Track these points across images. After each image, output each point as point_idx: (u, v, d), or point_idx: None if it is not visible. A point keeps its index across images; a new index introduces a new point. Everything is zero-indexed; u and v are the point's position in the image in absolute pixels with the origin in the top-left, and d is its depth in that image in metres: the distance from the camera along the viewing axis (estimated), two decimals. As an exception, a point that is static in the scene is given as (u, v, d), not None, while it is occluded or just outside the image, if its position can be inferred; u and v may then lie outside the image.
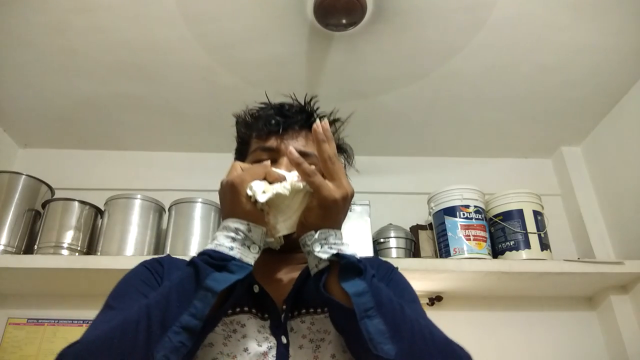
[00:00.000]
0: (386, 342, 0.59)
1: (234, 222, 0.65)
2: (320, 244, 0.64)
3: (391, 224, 1.67)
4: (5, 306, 1.60)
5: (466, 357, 0.63)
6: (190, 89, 1.59)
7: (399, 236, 1.62)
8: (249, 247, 0.64)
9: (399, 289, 0.78)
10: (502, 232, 1.60)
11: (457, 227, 1.55)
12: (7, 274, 1.44)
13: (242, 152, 0.89)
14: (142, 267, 0.78)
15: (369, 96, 1.63)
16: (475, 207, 1.58)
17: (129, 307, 0.63)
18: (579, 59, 1.48)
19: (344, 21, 1.29)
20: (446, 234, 1.55)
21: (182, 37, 1.38)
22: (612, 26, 1.36)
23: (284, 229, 0.68)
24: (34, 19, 1.33)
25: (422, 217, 1.77)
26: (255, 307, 0.73)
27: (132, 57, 1.46)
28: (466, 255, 1.51)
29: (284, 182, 0.66)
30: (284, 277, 0.79)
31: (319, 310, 0.73)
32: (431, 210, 1.65)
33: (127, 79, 1.54)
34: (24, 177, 1.58)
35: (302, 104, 0.89)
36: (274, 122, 0.82)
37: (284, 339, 0.69)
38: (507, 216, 1.61)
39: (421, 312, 0.73)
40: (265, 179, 0.67)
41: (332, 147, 0.67)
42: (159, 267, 0.78)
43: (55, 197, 1.63)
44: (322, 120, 0.68)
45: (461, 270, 1.46)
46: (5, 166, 1.70)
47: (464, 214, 1.56)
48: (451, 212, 1.58)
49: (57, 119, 1.73)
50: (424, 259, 1.57)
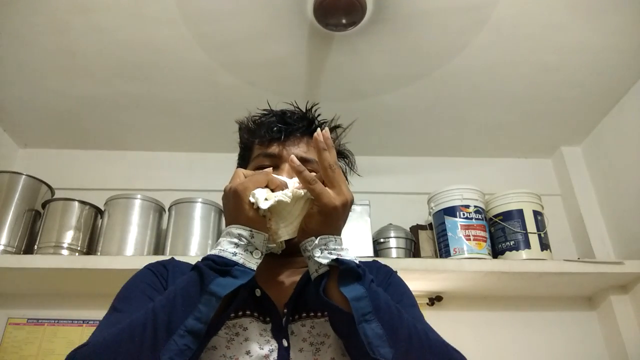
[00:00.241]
0: (383, 346, 0.61)
1: (237, 229, 0.66)
2: (320, 250, 0.66)
3: (391, 224, 1.67)
4: (5, 306, 1.60)
5: None
6: (190, 89, 1.59)
7: (399, 236, 1.62)
8: (252, 253, 0.66)
9: (398, 292, 0.79)
10: (502, 232, 1.60)
11: (457, 227, 1.55)
12: (7, 274, 1.44)
13: (244, 158, 0.91)
14: (147, 270, 0.80)
15: (369, 96, 1.63)
16: (475, 207, 1.58)
17: (135, 310, 0.64)
18: (579, 59, 1.48)
19: (344, 21, 1.29)
20: (446, 234, 1.55)
21: (182, 37, 1.38)
22: (612, 26, 1.36)
23: (285, 235, 0.70)
24: (34, 19, 1.33)
25: (422, 217, 1.77)
26: (257, 310, 0.74)
27: (132, 57, 1.46)
28: (466, 255, 1.51)
29: (286, 190, 0.69)
30: (285, 281, 0.81)
31: (319, 314, 0.74)
32: (431, 210, 1.65)
33: (127, 79, 1.54)
34: (24, 177, 1.58)
35: (303, 111, 0.91)
36: (276, 129, 0.84)
37: (284, 342, 0.70)
38: (507, 216, 1.61)
39: (419, 316, 0.75)
40: (267, 187, 0.69)
41: (333, 155, 0.69)
42: (163, 270, 0.80)
43: (55, 197, 1.63)
44: (322, 128, 0.70)
45: (461, 270, 1.46)
46: (5, 166, 1.70)
47: (464, 214, 1.56)
48: (451, 212, 1.58)
49: (57, 119, 1.73)
50: (424, 259, 1.57)
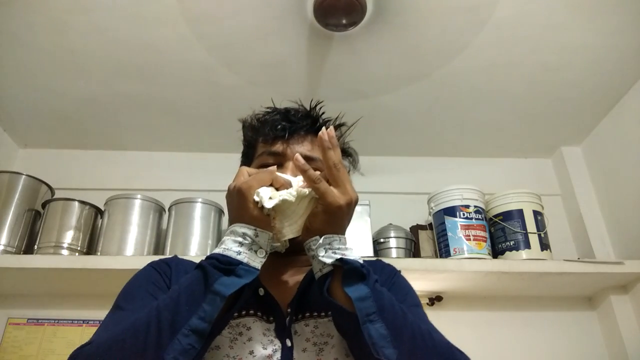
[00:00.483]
0: (388, 346, 0.60)
1: (242, 227, 0.66)
2: (324, 249, 0.65)
3: (391, 224, 1.67)
4: (5, 306, 1.60)
5: None
6: (190, 89, 1.59)
7: (399, 236, 1.63)
8: (256, 252, 0.66)
9: (402, 292, 0.79)
10: (502, 232, 1.60)
11: (457, 227, 1.55)
12: (7, 274, 1.44)
13: (248, 156, 0.90)
14: (151, 268, 0.79)
15: (369, 96, 1.63)
16: (475, 207, 1.58)
17: (138, 309, 0.64)
18: (579, 59, 1.48)
19: (344, 21, 1.29)
20: (446, 234, 1.55)
21: (182, 37, 1.38)
22: (612, 26, 1.36)
23: (289, 233, 0.70)
24: (34, 19, 1.33)
25: (422, 217, 1.77)
26: (260, 310, 0.74)
27: (132, 57, 1.46)
28: (466, 255, 1.51)
29: (290, 189, 0.68)
30: (289, 280, 0.80)
31: (323, 313, 0.74)
32: (431, 210, 1.65)
33: (127, 79, 1.54)
34: (24, 177, 1.58)
35: (307, 109, 0.90)
36: (280, 127, 0.84)
37: (288, 342, 0.70)
38: (507, 216, 1.61)
39: (423, 316, 0.74)
40: (271, 185, 0.69)
41: (337, 154, 0.68)
42: (166, 268, 0.80)
43: (55, 197, 1.63)
44: (327, 126, 0.70)
45: (461, 270, 1.46)
46: (5, 166, 1.70)
47: (464, 214, 1.56)
48: (451, 212, 1.58)
49: (57, 119, 1.73)
50: (424, 259, 1.57)
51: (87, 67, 1.50)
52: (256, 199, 0.67)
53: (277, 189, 0.69)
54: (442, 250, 1.57)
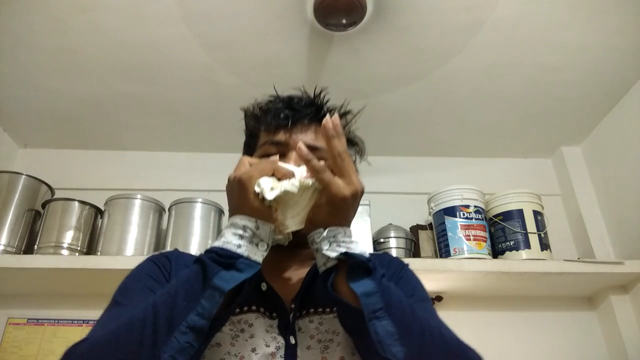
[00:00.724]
0: (395, 344, 0.57)
1: (242, 219, 0.63)
2: (328, 242, 0.62)
3: (391, 224, 1.67)
4: (5, 306, 1.60)
5: (478, 359, 0.61)
6: (190, 89, 1.59)
7: (399, 236, 1.62)
8: (257, 245, 0.62)
9: (409, 287, 0.76)
10: (502, 232, 1.60)
11: (457, 227, 1.55)
12: (7, 274, 1.44)
13: (250, 146, 0.87)
14: (150, 262, 0.77)
15: (369, 96, 1.63)
16: (475, 207, 1.58)
17: (136, 304, 0.61)
18: (579, 59, 1.48)
19: (344, 21, 1.29)
20: (446, 234, 1.55)
21: (182, 37, 1.38)
22: (612, 26, 1.36)
23: (292, 226, 0.67)
24: (34, 19, 1.33)
25: (422, 217, 1.77)
26: (263, 305, 0.71)
27: (132, 57, 1.46)
28: (466, 255, 1.51)
29: (293, 179, 0.65)
30: (293, 274, 0.77)
31: (328, 310, 0.71)
32: (431, 210, 1.65)
33: (127, 79, 1.54)
34: (24, 177, 1.58)
35: (311, 97, 0.87)
36: (283, 115, 0.81)
37: (292, 339, 0.67)
38: (507, 216, 1.61)
39: (432, 312, 0.71)
40: (273, 175, 0.66)
41: (342, 143, 0.64)
42: (166, 261, 0.77)
43: (55, 197, 1.63)
44: (332, 114, 0.65)
45: (461, 270, 1.46)
46: (5, 166, 1.70)
47: (464, 214, 1.56)
48: (451, 212, 1.58)
49: (57, 119, 1.73)
50: (424, 259, 1.57)
51: (87, 67, 1.50)
52: (257, 189, 0.63)
53: (279, 180, 0.65)
54: (442, 250, 1.57)
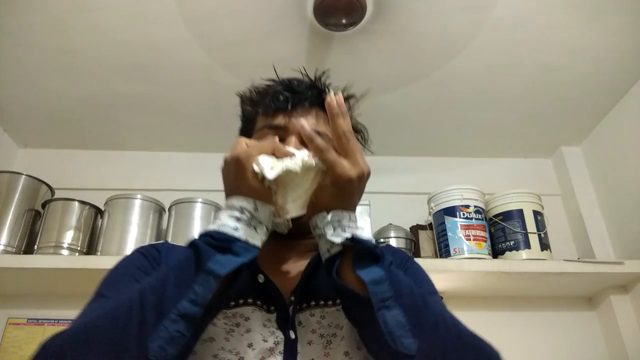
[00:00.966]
0: (407, 336, 0.53)
1: (239, 201, 0.58)
2: (332, 227, 0.58)
3: (391, 224, 1.67)
4: (5, 306, 1.60)
5: (496, 355, 0.58)
6: (190, 89, 1.59)
7: (399, 236, 1.62)
8: (256, 228, 0.58)
9: (417, 279, 0.71)
10: (502, 232, 1.60)
11: (457, 227, 1.55)
12: (7, 274, 1.44)
13: (247, 132, 0.82)
14: (138, 253, 0.72)
15: (369, 96, 1.62)
16: (475, 207, 1.58)
17: (122, 295, 0.57)
18: (579, 59, 1.48)
19: (344, 21, 1.29)
20: (446, 234, 1.55)
21: (182, 37, 1.38)
22: (612, 26, 1.36)
23: (293, 210, 0.62)
24: (34, 19, 1.33)
25: (422, 217, 1.77)
26: (260, 298, 0.66)
27: (132, 57, 1.45)
28: (466, 255, 1.51)
29: (295, 158, 0.60)
30: (292, 265, 0.72)
31: (330, 302, 0.66)
32: (431, 210, 1.65)
33: (127, 79, 1.54)
34: (24, 177, 1.58)
35: (312, 79, 0.82)
36: (282, 98, 0.76)
37: (292, 334, 0.63)
38: (507, 216, 1.61)
39: (443, 305, 0.67)
40: (273, 155, 0.61)
41: (347, 123, 0.61)
42: (155, 253, 0.72)
43: (55, 197, 1.63)
44: (336, 94, 0.62)
45: (461, 270, 1.46)
46: (5, 166, 1.70)
47: (464, 214, 1.56)
48: (451, 212, 1.58)
49: (57, 119, 1.73)
50: (424, 259, 1.57)
51: (87, 67, 1.50)
52: (256, 169, 0.59)
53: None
54: (442, 250, 1.57)
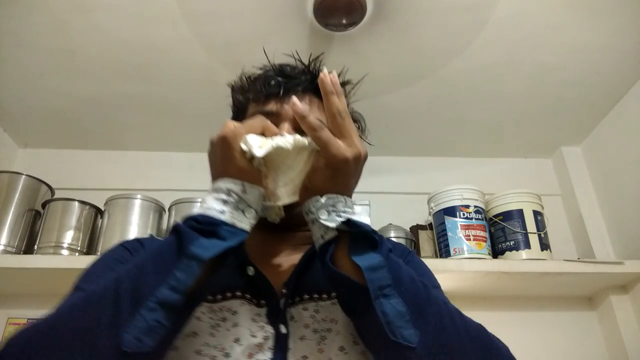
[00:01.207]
0: (407, 327, 0.49)
1: (226, 182, 0.54)
2: (327, 211, 0.54)
3: (391, 224, 1.67)
4: (5, 306, 1.60)
5: (505, 349, 0.55)
6: (190, 89, 1.59)
7: (399, 236, 1.62)
8: (244, 211, 0.53)
9: (418, 273, 0.66)
10: (502, 232, 1.60)
11: (457, 227, 1.55)
12: (7, 274, 1.44)
13: (237, 121, 0.79)
14: (120, 246, 0.68)
15: (369, 96, 1.63)
16: (475, 207, 1.58)
17: (97, 285, 0.53)
18: (579, 59, 1.48)
19: (344, 21, 1.29)
20: (446, 234, 1.55)
21: (182, 37, 1.38)
22: (612, 26, 1.36)
23: (284, 196, 0.58)
24: (34, 19, 1.33)
25: (422, 217, 1.77)
26: (249, 292, 0.62)
27: (132, 57, 1.45)
28: (466, 255, 1.51)
29: (287, 136, 0.57)
30: (285, 258, 0.69)
31: (325, 296, 0.63)
32: (431, 210, 1.65)
33: (127, 79, 1.54)
34: (24, 177, 1.58)
35: (306, 64, 0.79)
36: (274, 82, 0.73)
37: (282, 329, 0.59)
38: (507, 216, 1.61)
39: (446, 298, 0.63)
40: (263, 135, 0.58)
41: (342, 102, 0.57)
42: (139, 246, 0.69)
43: (55, 197, 1.63)
44: (330, 72, 0.58)
45: (461, 270, 1.46)
46: (5, 166, 1.70)
47: (464, 214, 1.56)
48: (451, 212, 1.57)
49: (57, 119, 1.73)
50: (424, 259, 1.55)
51: (87, 67, 1.50)
52: (244, 147, 0.55)
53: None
54: (442, 250, 1.57)
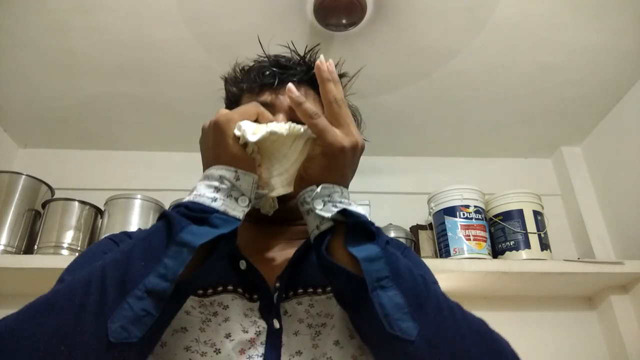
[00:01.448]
0: (405, 319, 0.48)
1: (218, 169, 0.53)
2: (322, 201, 0.53)
3: (391, 224, 1.67)
4: (5, 306, 1.58)
5: (507, 344, 0.53)
6: (190, 89, 1.59)
7: (399, 236, 1.62)
8: (237, 199, 0.52)
9: (416, 268, 0.64)
10: (502, 232, 1.60)
11: (457, 227, 1.55)
12: (7, 274, 1.43)
13: None
14: (107, 239, 0.67)
15: (369, 96, 1.63)
16: (475, 207, 1.58)
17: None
18: (579, 59, 1.48)
19: (344, 21, 1.29)
20: (446, 234, 1.55)
21: (182, 37, 1.38)
22: (612, 26, 1.36)
23: (279, 186, 0.57)
24: (34, 19, 1.33)
25: (422, 217, 1.77)
26: (241, 286, 0.60)
27: (132, 57, 1.45)
28: (466, 255, 1.51)
29: (282, 123, 0.55)
30: (279, 253, 0.67)
31: (320, 290, 0.61)
32: (431, 210, 1.65)
33: (127, 79, 1.54)
34: (24, 177, 1.58)
35: (302, 55, 0.77)
36: (268, 73, 0.72)
37: (276, 324, 0.57)
38: (507, 216, 1.61)
39: (444, 293, 0.60)
40: (257, 122, 0.56)
41: (339, 90, 0.55)
42: (126, 238, 0.67)
43: (55, 197, 1.63)
44: (326, 60, 0.56)
45: (461, 270, 1.46)
46: (5, 166, 1.69)
47: (464, 214, 1.56)
48: (451, 212, 1.57)
49: (57, 119, 1.73)
50: (424, 259, 1.56)
51: (87, 67, 1.49)
52: (237, 133, 0.53)
53: None
54: (442, 250, 1.57)
